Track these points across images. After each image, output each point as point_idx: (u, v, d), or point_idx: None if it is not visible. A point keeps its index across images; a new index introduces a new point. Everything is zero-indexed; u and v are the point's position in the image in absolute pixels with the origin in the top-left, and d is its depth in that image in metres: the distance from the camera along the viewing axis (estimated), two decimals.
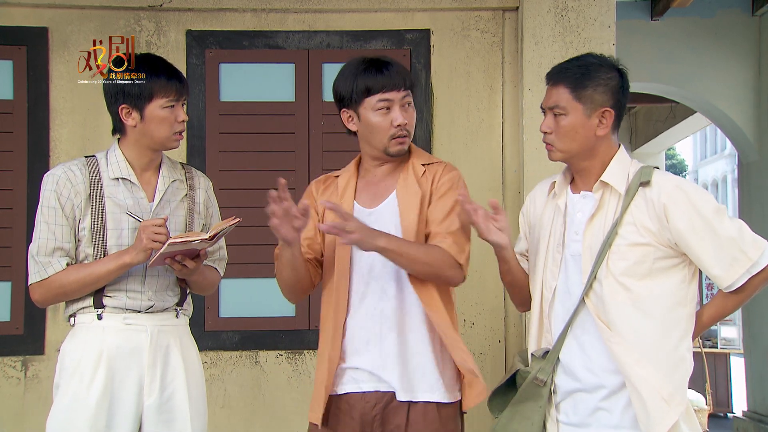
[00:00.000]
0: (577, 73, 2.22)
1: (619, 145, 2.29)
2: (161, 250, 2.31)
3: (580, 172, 2.29)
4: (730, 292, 2.19)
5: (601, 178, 2.23)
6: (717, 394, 8.52)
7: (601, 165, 2.25)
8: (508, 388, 2.33)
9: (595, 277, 2.19)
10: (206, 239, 2.33)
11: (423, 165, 2.42)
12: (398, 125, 2.36)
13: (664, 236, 2.16)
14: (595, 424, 2.19)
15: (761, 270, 2.15)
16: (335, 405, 2.38)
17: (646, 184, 2.19)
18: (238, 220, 2.37)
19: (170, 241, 2.29)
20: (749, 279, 2.15)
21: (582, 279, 2.21)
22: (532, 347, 2.33)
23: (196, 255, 2.41)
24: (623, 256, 2.16)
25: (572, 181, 2.33)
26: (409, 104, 2.39)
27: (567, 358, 2.23)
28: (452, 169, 2.43)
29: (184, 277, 2.48)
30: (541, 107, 2.30)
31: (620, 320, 2.16)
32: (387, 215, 2.38)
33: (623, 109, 2.28)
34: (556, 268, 2.26)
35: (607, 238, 2.18)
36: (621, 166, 2.24)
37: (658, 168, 2.25)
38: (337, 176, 2.52)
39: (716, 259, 2.14)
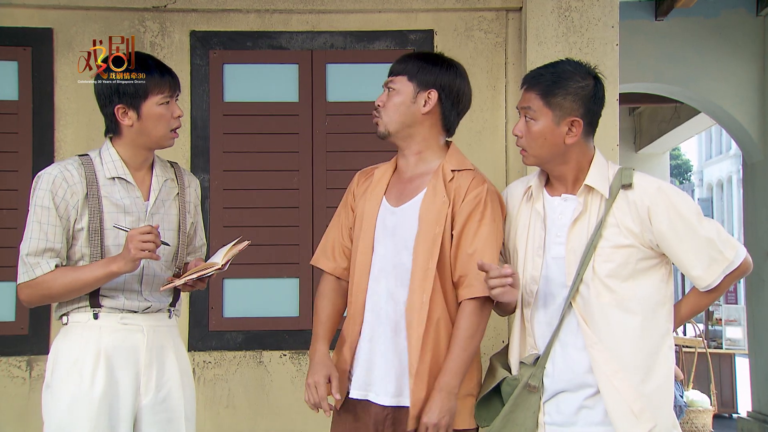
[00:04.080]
0: (549, 80, 2.24)
1: (595, 149, 2.31)
2: (176, 283, 2.36)
3: (557, 176, 2.30)
4: (707, 291, 2.24)
5: (585, 182, 2.24)
6: (722, 394, 8.51)
7: (578, 169, 2.27)
8: (492, 395, 2.33)
9: (581, 279, 2.20)
10: (219, 268, 2.35)
11: (452, 171, 2.38)
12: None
13: (646, 237, 2.19)
14: (579, 423, 2.22)
15: (735, 269, 2.21)
16: (352, 401, 2.40)
17: (627, 186, 2.21)
18: (247, 243, 2.40)
19: (185, 278, 2.34)
20: (725, 278, 2.21)
21: (566, 282, 2.23)
22: (514, 351, 2.33)
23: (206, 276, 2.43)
24: (608, 258, 2.19)
25: (546, 183, 2.34)
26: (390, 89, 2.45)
27: (552, 360, 2.25)
28: (480, 184, 2.37)
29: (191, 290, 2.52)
30: (516, 108, 2.32)
31: (604, 322, 2.18)
32: (407, 219, 2.37)
33: (596, 117, 2.29)
34: (537, 272, 2.27)
35: (591, 240, 2.20)
36: (600, 170, 2.26)
37: (635, 169, 2.27)
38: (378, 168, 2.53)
39: (696, 259, 2.19)
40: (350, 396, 2.40)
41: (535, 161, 2.28)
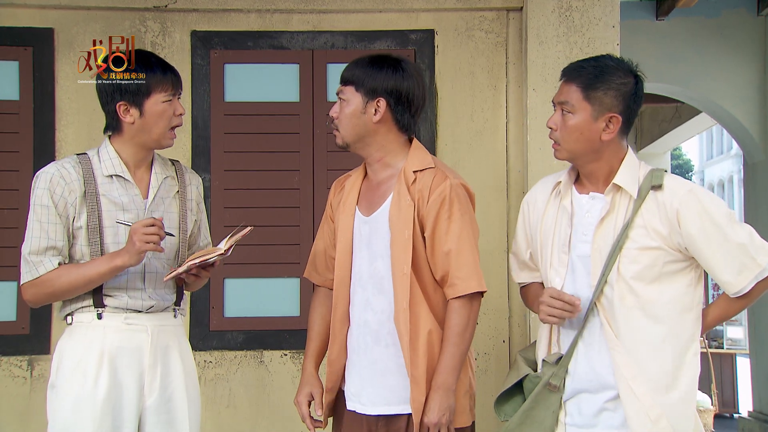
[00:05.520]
0: (591, 74, 2.19)
1: (628, 148, 2.27)
2: (179, 270, 2.34)
3: (587, 173, 2.26)
4: (737, 297, 2.19)
5: (614, 181, 2.20)
6: (723, 394, 8.51)
7: (609, 167, 2.23)
8: (514, 390, 2.32)
9: (605, 280, 2.17)
10: (222, 253, 2.34)
11: (414, 172, 2.35)
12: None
13: (674, 240, 2.15)
14: (600, 425, 2.19)
15: None
16: (345, 411, 2.42)
17: (657, 187, 2.17)
18: (250, 228, 2.38)
19: (189, 263, 2.33)
20: (756, 284, 2.15)
21: (591, 281, 2.19)
22: (542, 350, 2.31)
23: (209, 264, 2.42)
24: (634, 260, 2.15)
25: (576, 180, 2.31)
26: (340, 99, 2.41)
27: (574, 360, 2.23)
28: (442, 180, 2.33)
29: (194, 287, 2.50)
30: (552, 101, 2.28)
31: (626, 326, 2.15)
32: (379, 227, 2.36)
33: (633, 115, 2.24)
34: (563, 269, 2.24)
35: (618, 241, 2.16)
36: (631, 169, 2.22)
37: (666, 171, 2.23)
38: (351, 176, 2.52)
39: (726, 265, 2.14)
40: (346, 408, 2.41)
41: (567, 155, 2.24)
